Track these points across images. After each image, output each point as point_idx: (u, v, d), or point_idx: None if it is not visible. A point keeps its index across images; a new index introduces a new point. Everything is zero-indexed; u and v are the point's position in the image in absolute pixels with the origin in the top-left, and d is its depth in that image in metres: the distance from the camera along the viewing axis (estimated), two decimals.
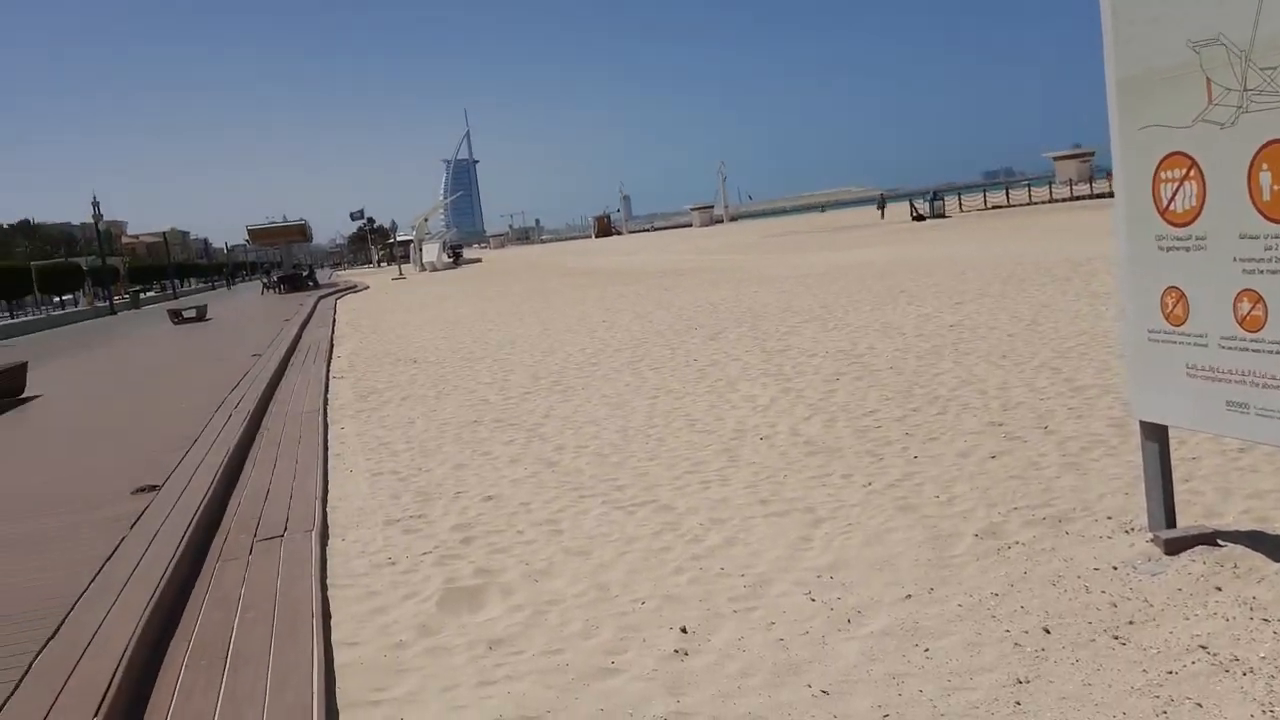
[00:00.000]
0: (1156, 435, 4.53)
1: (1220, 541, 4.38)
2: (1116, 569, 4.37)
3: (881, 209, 70.26)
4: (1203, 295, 4.05)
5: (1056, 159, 78.06)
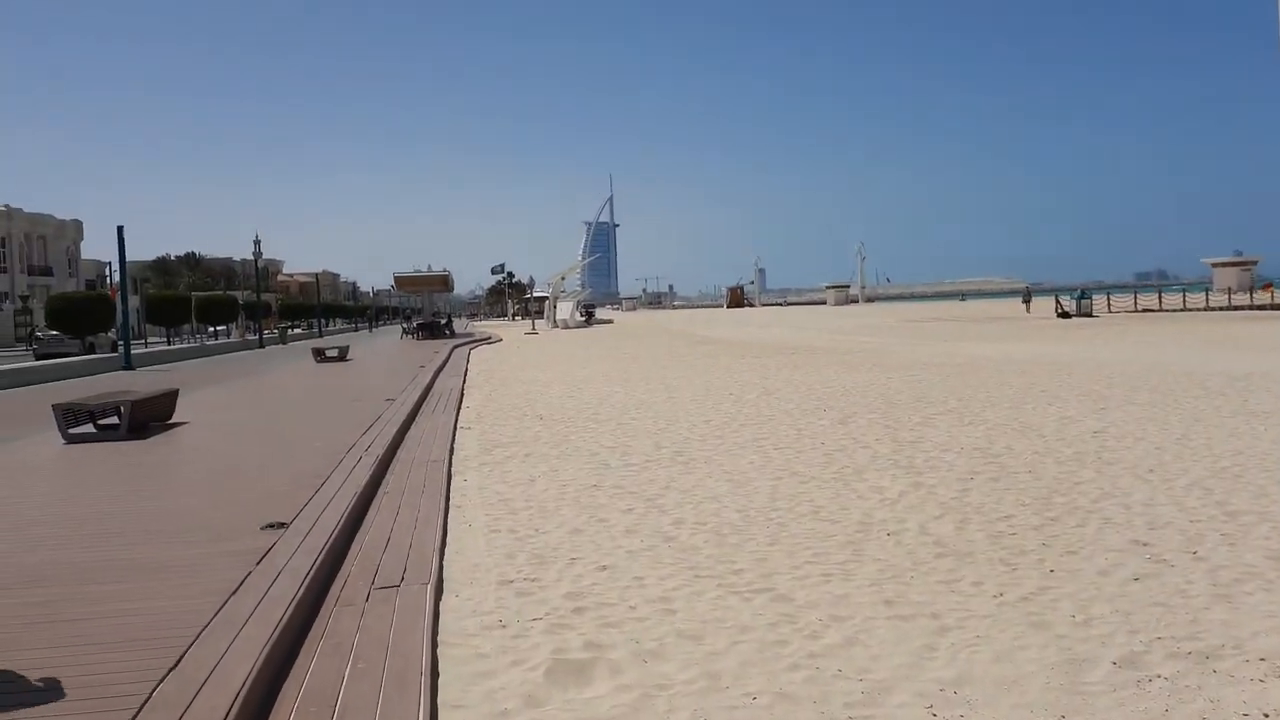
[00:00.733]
0: None
1: None
2: (1268, 717, 4.03)
3: (1027, 302, 68.67)
4: None
5: (1216, 265, 75.29)
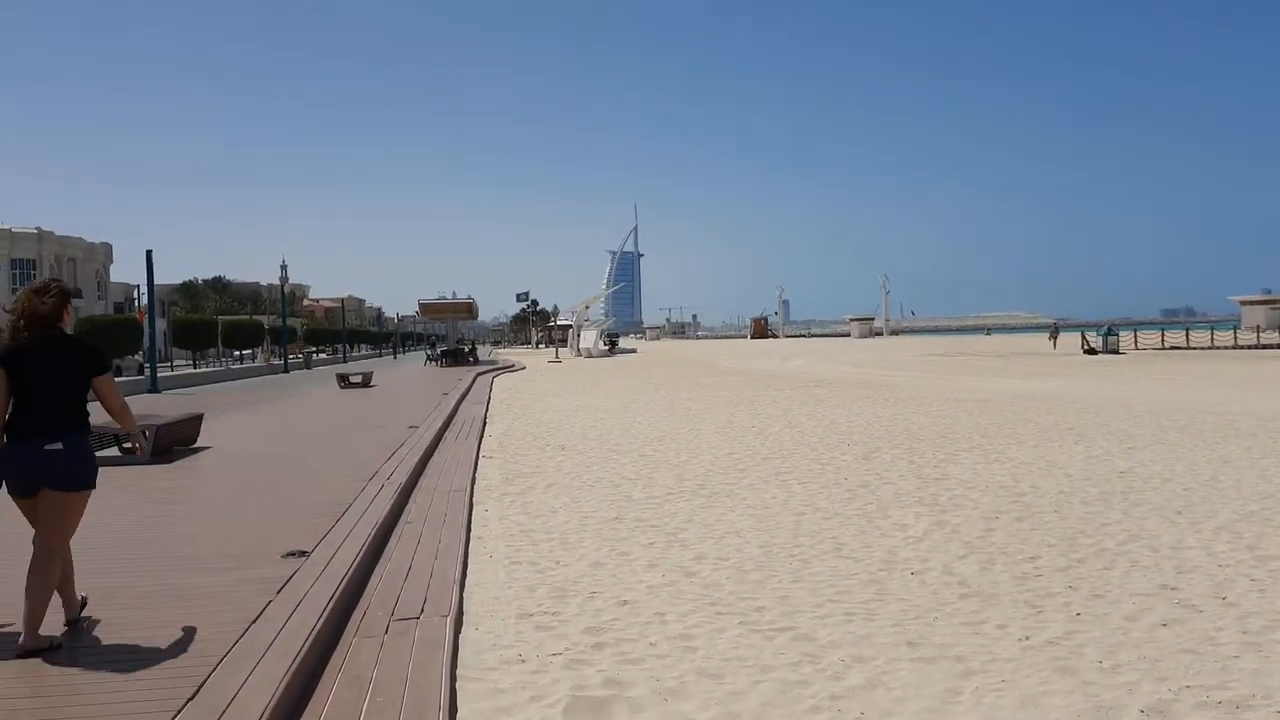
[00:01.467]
0: None
1: None
2: None
3: (1054, 338, 68.21)
4: None
5: (1244, 303, 74.64)
